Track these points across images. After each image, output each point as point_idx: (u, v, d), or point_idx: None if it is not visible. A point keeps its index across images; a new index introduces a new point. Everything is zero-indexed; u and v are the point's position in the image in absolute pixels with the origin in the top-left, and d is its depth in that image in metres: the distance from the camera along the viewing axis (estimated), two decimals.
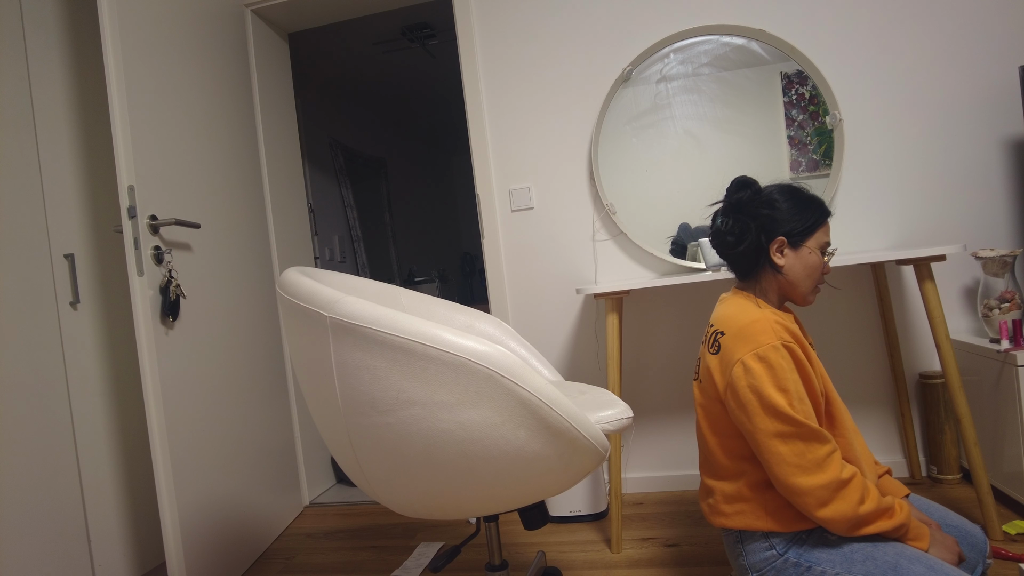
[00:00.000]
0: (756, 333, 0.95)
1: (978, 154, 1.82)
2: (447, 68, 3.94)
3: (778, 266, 1.02)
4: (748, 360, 0.94)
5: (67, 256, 1.70)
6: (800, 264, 1.01)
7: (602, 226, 2.06)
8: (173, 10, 1.75)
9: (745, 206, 1.04)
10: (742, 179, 1.08)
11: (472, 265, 6.15)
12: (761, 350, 0.93)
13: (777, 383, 0.92)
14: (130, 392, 1.85)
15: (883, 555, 0.88)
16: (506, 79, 2.12)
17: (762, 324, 0.95)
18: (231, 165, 1.99)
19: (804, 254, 1.01)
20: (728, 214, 1.06)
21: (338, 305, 0.94)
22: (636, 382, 2.08)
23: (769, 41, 1.90)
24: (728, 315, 1.01)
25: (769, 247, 1.02)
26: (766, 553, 0.97)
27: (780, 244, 1.01)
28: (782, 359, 0.92)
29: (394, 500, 1.05)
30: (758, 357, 0.93)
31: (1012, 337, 1.55)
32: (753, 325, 0.96)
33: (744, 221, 1.03)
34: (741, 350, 0.95)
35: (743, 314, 0.99)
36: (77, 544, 1.65)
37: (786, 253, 1.02)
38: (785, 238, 1.01)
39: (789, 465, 0.90)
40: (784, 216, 1.01)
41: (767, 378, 0.92)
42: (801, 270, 1.01)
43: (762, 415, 0.92)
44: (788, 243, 1.01)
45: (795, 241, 1.01)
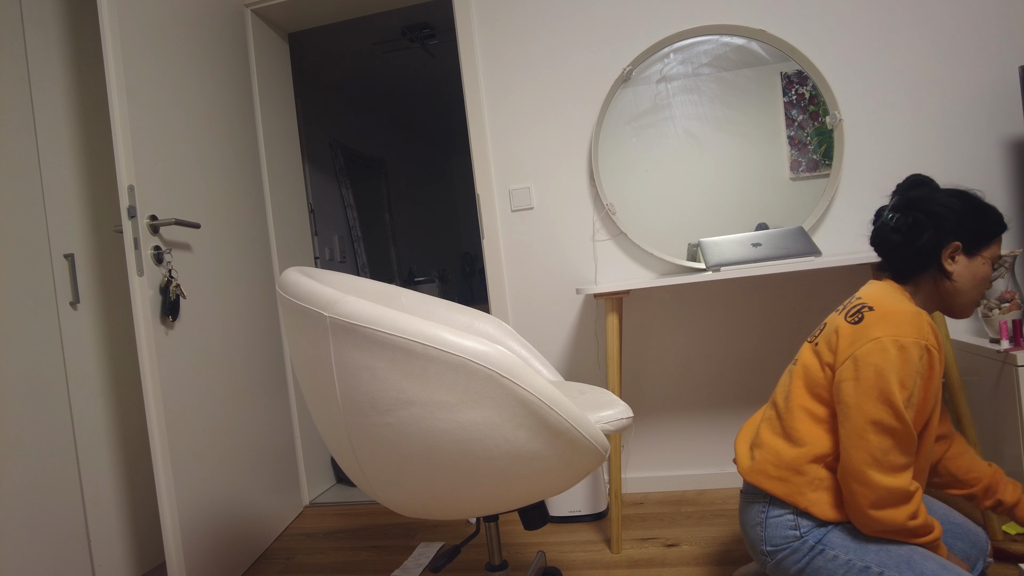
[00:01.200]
0: (907, 323, 0.91)
1: (978, 154, 1.82)
2: (447, 68, 3.94)
3: (948, 272, 0.97)
4: (887, 342, 0.90)
5: (67, 256, 1.70)
6: (970, 273, 0.96)
7: (602, 226, 2.06)
8: (173, 10, 1.75)
9: (921, 204, 0.98)
10: (918, 177, 1.03)
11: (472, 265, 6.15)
12: (905, 340, 0.89)
13: (903, 377, 0.88)
14: (130, 392, 1.85)
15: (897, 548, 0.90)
16: (506, 79, 2.12)
17: (917, 319, 0.91)
18: (231, 165, 1.99)
19: (977, 264, 0.96)
20: (900, 210, 1.00)
21: (338, 305, 0.94)
22: (636, 382, 2.08)
23: (769, 41, 1.90)
24: (883, 296, 0.97)
25: (941, 251, 0.96)
26: (789, 531, 0.97)
27: (955, 249, 0.96)
28: (920, 359, 0.89)
29: (394, 500, 1.05)
30: (899, 345, 0.89)
31: (1012, 337, 1.55)
32: (907, 315, 0.92)
33: (918, 219, 0.97)
34: (885, 330, 0.91)
35: (899, 302, 0.95)
36: (77, 544, 1.64)
37: (958, 259, 0.96)
38: (961, 243, 0.96)
39: (871, 455, 0.89)
40: (965, 221, 0.96)
41: (897, 367, 0.88)
42: (970, 279, 0.96)
43: (872, 398, 0.89)
44: (963, 249, 0.96)
45: (971, 249, 0.96)
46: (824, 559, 0.93)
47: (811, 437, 0.98)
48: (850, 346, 0.94)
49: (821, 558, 0.93)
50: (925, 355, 0.89)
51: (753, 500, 1.03)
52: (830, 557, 0.92)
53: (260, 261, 2.12)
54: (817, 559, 0.93)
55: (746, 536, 1.04)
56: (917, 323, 0.91)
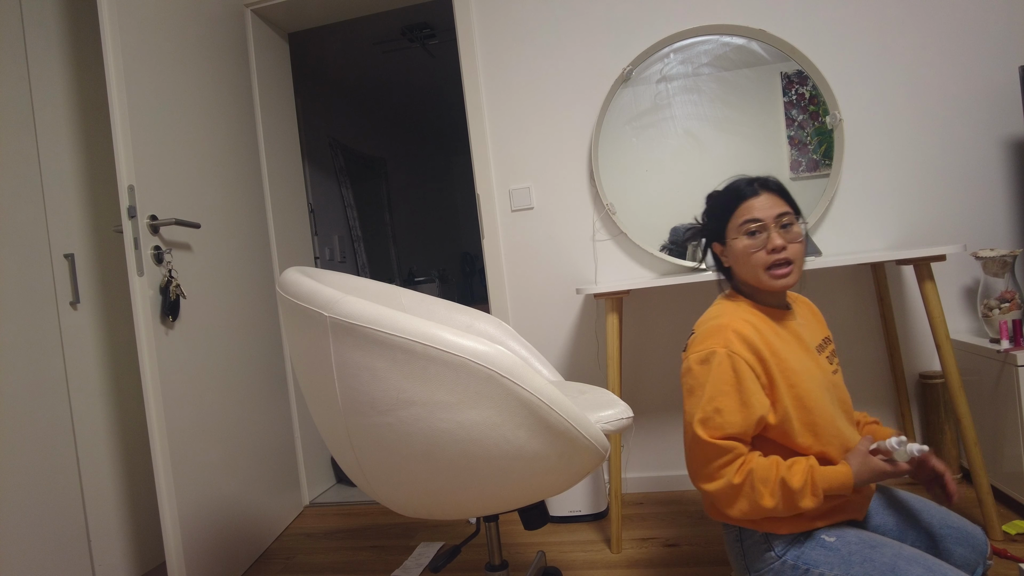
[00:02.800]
0: (710, 336, 0.98)
1: (978, 154, 1.82)
2: (447, 68, 3.94)
3: (727, 266, 1.07)
4: (692, 362, 0.98)
5: (67, 256, 1.70)
6: (734, 255, 1.04)
7: (602, 226, 2.06)
8: (173, 10, 1.75)
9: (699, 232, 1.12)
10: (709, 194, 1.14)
11: (472, 265, 6.14)
12: (705, 353, 0.96)
13: (708, 391, 0.94)
14: (130, 392, 1.85)
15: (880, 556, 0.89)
16: (506, 79, 2.12)
17: (722, 329, 0.97)
18: (231, 165, 1.99)
19: (733, 246, 1.03)
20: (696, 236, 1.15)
21: (338, 305, 0.94)
22: (636, 382, 2.08)
23: (769, 41, 1.90)
24: (705, 317, 1.06)
25: (720, 257, 1.08)
26: (765, 555, 0.97)
27: (719, 249, 1.07)
28: (720, 366, 0.94)
29: (394, 500, 1.05)
30: (701, 359, 0.97)
31: (1012, 337, 1.55)
32: (714, 329, 0.98)
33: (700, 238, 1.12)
34: (692, 350, 1.00)
35: (713, 317, 1.02)
36: (77, 544, 1.64)
37: (725, 253, 1.06)
38: (716, 241, 1.07)
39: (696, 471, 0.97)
40: (708, 223, 1.08)
41: (701, 382, 0.96)
42: (737, 260, 1.03)
43: (687, 418, 0.98)
44: (720, 244, 1.06)
45: (722, 239, 1.05)
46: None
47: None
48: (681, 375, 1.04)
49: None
50: (728, 360, 0.94)
51: (728, 534, 1.05)
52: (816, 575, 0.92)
53: (260, 261, 2.12)
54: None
55: (733, 566, 1.06)
56: (718, 332, 0.97)
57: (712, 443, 0.93)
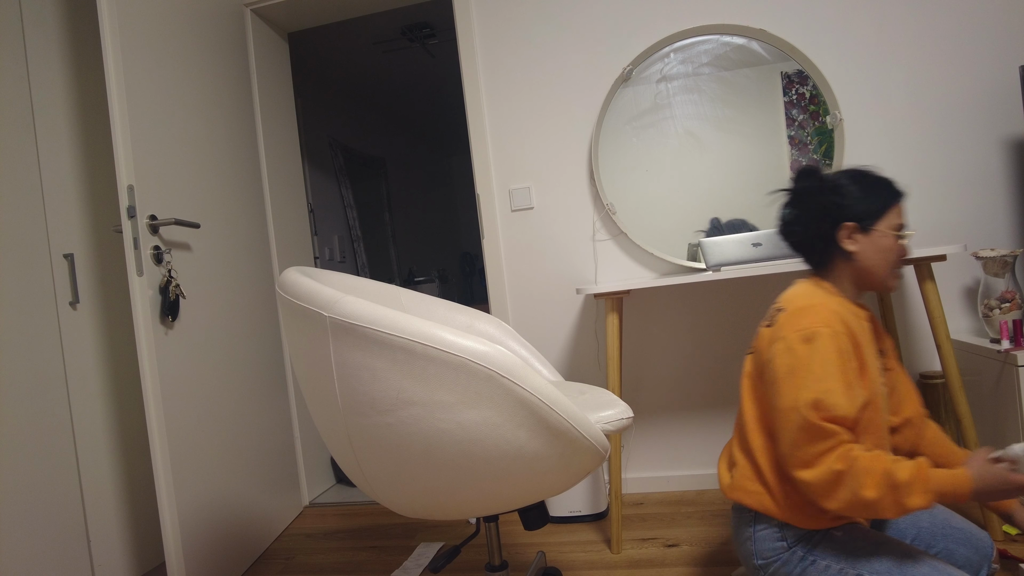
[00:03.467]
0: (811, 315, 0.93)
1: (978, 154, 1.82)
2: (447, 68, 3.94)
3: (849, 253, 0.99)
4: (792, 340, 0.92)
5: (67, 256, 1.70)
6: (873, 248, 0.98)
7: (602, 226, 2.06)
8: (173, 10, 1.75)
9: (810, 194, 1.02)
10: (806, 167, 1.05)
11: (472, 265, 6.14)
12: (808, 331, 0.91)
13: (814, 372, 0.89)
14: (130, 392, 1.85)
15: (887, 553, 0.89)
16: (506, 79, 2.12)
17: (819, 309, 0.93)
18: (231, 165, 1.99)
19: (876, 238, 0.97)
20: (793, 204, 1.04)
21: (338, 305, 0.94)
22: (636, 382, 2.08)
23: (769, 41, 1.90)
24: (795, 295, 1.00)
25: (837, 234, 0.99)
26: (776, 543, 0.96)
27: (850, 230, 0.98)
28: (831, 344, 0.90)
29: (394, 500, 1.05)
30: (804, 338, 0.91)
31: (1012, 337, 1.55)
32: (810, 308, 0.94)
33: (810, 210, 1.01)
34: (790, 328, 0.94)
35: (805, 296, 0.97)
36: (77, 544, 1.64)
37: (857, 238, 0.98)
38: (855, 223, 0.98)
39: (792, 456, 0.90)
40: (852, 201, 0.98)
41: (806, 363, 0.90)
42: (874, 254, 0.98)
43: (785, 398, 0.91)
44: (859, 228, 0.98)
45: (866, 225, 0.98)
46: (817, 569, 0.92)
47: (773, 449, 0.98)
48: (766, 351, 0.97)
49: (813, 568, 0.93)
50: (833, 339, 0.90)
51: (740, 516, 1.03)
52: (822, 567, 0.92)
53: (260, 261, 2.12)
54: (810, 569, 0.93)
55: (738, 552, 1.05)
56: (820, 312, 0.93)
57: (821, 425, 0.87)
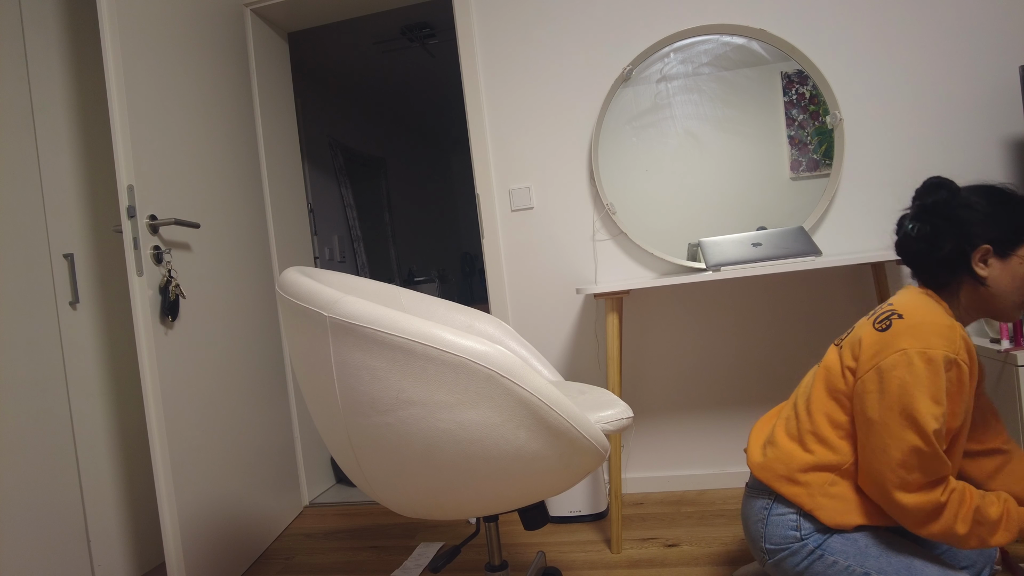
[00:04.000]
0: (937, 334, 0.86)
1: (978, 154, 1.82)
2: (447, 68, 3.94)
3: (981, 277, 0.91)
4: (914, 355, 0.85)
5: (67, 256, 1.70)
6: (1008, 275, 0.90)
7: (602, 226, 2.06)
8: (173, 10, 1.75)
9: (940, 209, 0.94)
10: (936, 180, 0.97)
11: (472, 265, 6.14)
12: (934, 352, 0.84)
13: (933, 392, 0.84)
14: (130, 392, 1.85)
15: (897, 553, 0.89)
16: (506, 79, 2.12)
17: (949, 331, 0.86)
18: (231, 165, 1.99)
19: (1014, 264, 0.90)
20: (920, 219, 0.96)
21: (338, 305, 0.94)
22: (636, 382, 2.08)
23: (769, 41, 1.90)
24: (915, 304, 0.91)
25: (972, 256, 0.91)
26: (790, 532, 0.96)
27: (985, 253, 0.91)
28: (950, 374, 0.85)
29: (394, 500, 1.05)
30: (927, 358, 0.84)
31: (1012, 337, 1.55)
32: (938, 326, 0.87)
33: (940, 226, 0.93)
34: (912, 341, 0.86)
35: (932, 312, 0.89)
36: (77, 544, 1.64)
37: (991, 263, 0.91)
38: (991, 246, 0.90)
39: (894, 474, 0.86)
40: (989, 221, 0.90)
41: (925, 384, 0.84)
42: (1009, 282, 0.90)
43: (897, 414, 0.85)
44: (994, 251, 0.90)
45: (1003, 250, 0.90)
46: (824, 564, 0.92)
47: (829, 444, 0.96)
48: (875, 356, 0.89)
49: (821, 563, 0.92)
50: (954, 369, 0.85)
51: (758, 495, 1.02)
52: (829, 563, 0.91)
53: (260, 261, 2.12)
54: (816, 564, 0.93)
55: (746, 530, 1.03)
56: (949, 335, 0.86)
57: (939, 455, 0.84)
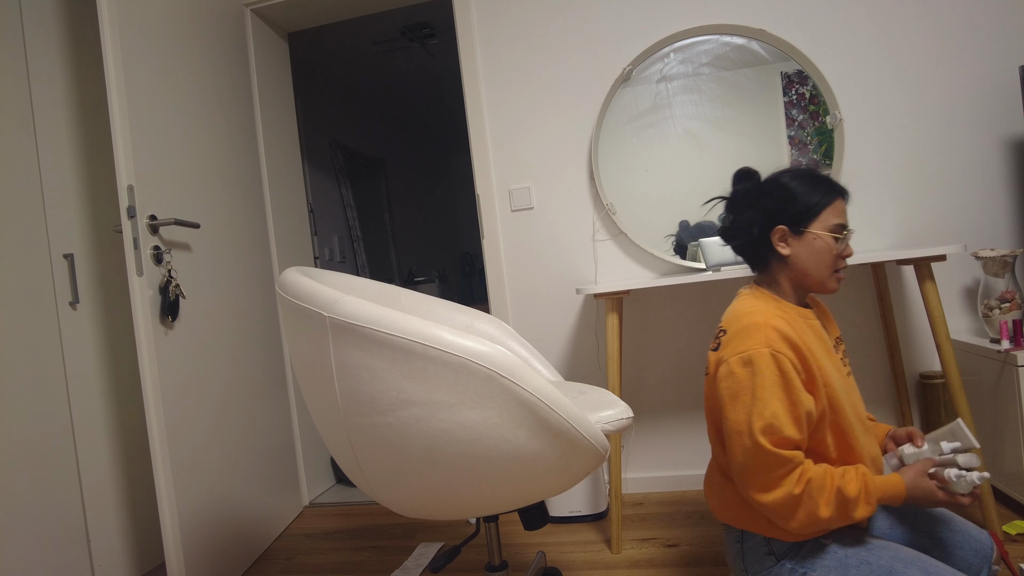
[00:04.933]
0: (748, 337, 0.92)
1: (978, 154, 1.82)
2: (447, 68, 3.94)
3: (783, 256, 0.98)
4: (734, 363, 0.92)
5: (66, 256, 1.70)
6: (806, 251, 0.97)
7: (602, 226, 2.06)
8: (173, 10, 1.75)
9: (744, 198, 1.02)
10: (743, 170, 1.05)
11: (472, 265, 6.14)
12: (751, 353, 0.90)
13: (758, 394, 0.89)
14: (130, 392, 1.85)
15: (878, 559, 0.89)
16: (506, 79, 2.12)
17: (759, 328, 0.92)
18: (231, 165, 1.99)
19: (809, 240, 0.96)
20: (730, 209, 1.04)
21: (338, 305, 0.94)
22: (636, 382, 2.08)
23: (769, 41, 1.90)
24: (734, 314, 0.98)
25: (771, 238, 0.98)
26: (765, 557, 0.97)
27: (782, 233, 0.98)
28: (766, 367, 0.89)
29: (394, 500, 1.05)
30: (743, 361, 0.91)
31: (1012, 337, 1.55)
32: (750, 328, 0.93)
33: (746, 214, 1.01)
34: (730, 350, 0.93)
35: (746, 314, 0.96)
36: (77, 544, 1.64)
37: (790, 242, 0.97)
38: (786, 226, 0.97)
39: (748, 478, 0.91)
40: (783, 203, 0.97)
41: (747, 386, 0.90)
42: (808, 257, 0.97)
43: (731, 423, 0.91)
44: (790, 231, 0.97)
45: (797, 228, 0.97)
46: None
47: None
48: (714, 375, 0.96)
49: None
50: (772, 362, 0.89)
51: (730, 534, 1.04)
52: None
53: (260, 261, 2.12)
54: None
55: (729, 562, 1.06)
56: (761, 333, 0.91)
57: (776, 453, 0.87)
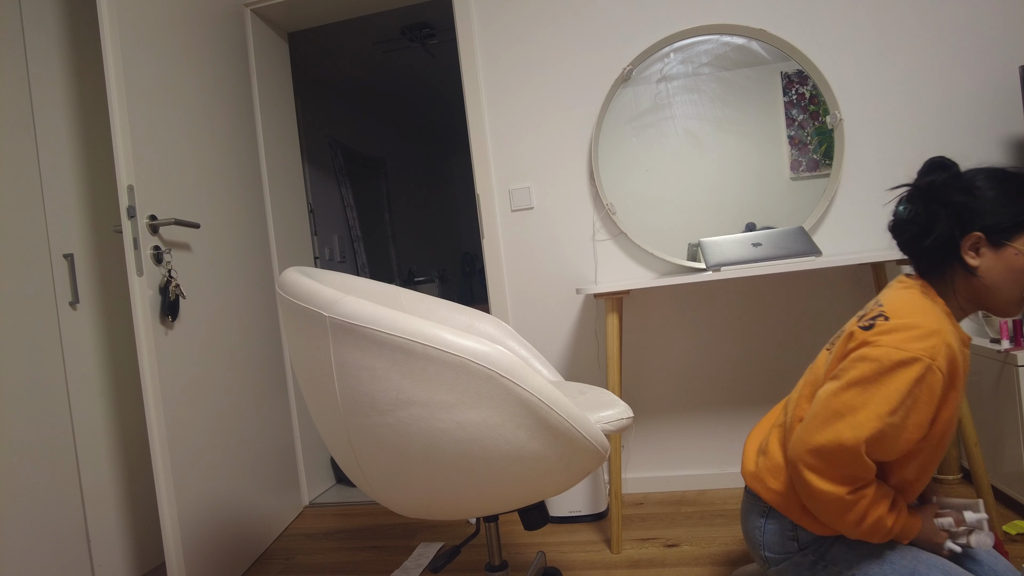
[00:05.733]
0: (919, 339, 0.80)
1: (978, 154, 1.82)
2: (447, 68, 3.94)
3: (971, 267, 0.85)
4: (886, 354, 0.81)
5: (67, 256, 1.70)
6: (1002, 266, 0.83)
7: (602, 226, 2.06)
8: (173, 10, 1.75)
9: (937, 191, 0.87)
10: (938, 160, 0.90)
11: (472, 265, 6.14)
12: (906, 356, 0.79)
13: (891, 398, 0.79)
14: (130, 392, 1.84)
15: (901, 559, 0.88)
16: (506, 79, 2.12)
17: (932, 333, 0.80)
18: (231, 165, 1.99)
19: (1009, 255, 0.83)
20: (914, 200, 0.90)
21: (338, 305, 0.94)
22: (636, 382, 2.08)
23: (769, 41, 1.90)
24: (903, 303, 0.85)
25: (961, 243, 0.85)
26: (788, 542, 0.95)
27: (976, 241, 0.84)
28: (919, 379, 0.79)
29: (394, 500, 1.05)
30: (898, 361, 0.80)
31: (1012, 337, 1.55)
32: (923, 331, 0.81)
33: (933, 209, 0.86)
34: (890, 340, 0.81)
35: (919, 313, 0.83)
36: (77, 544, 1.64)
37: (983, 252, 0.84)
38: (984, 234, 0.83)
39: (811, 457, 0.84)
40: (987, 206, 0.83)
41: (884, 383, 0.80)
42: (1002, 274, 0.83)
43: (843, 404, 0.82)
44: (987, 240, 0.83)
45: (997, 238, 0.83)
46: (826, 574, 0.92)
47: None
48: (853, 349, 0.86)
49: (824, 573, 0.92)
50: (928, 376, 0.79)
51: (753, 504, 1.01)
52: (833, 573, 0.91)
53: (260, 261, 2.12)
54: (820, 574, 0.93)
55: (746, 536, 1.03)
56: (932, 340, 0.80)
57: (865, 462, 0.81)
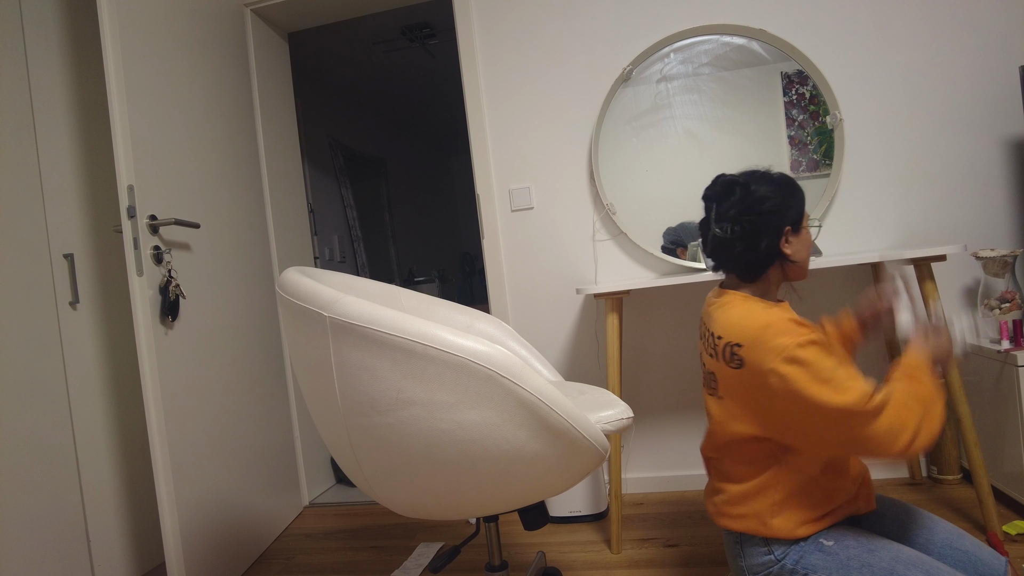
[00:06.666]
0: (777, 336, 0.88)
1: (978, 154, 1.82)
2: (447, 68, 3.94)
3: (788, 256, 0.99)
4: (781, 369, 0.87)
5: (67, 256, 1.70)
6: (802, 244, 1.01)
7: (602, 226, 2.06)
8: (173, 10, 1.75)
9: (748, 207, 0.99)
10: (726, 179, 1.03)
11: (472, 265, 6.14)
12: (791, 352, 0.86)
13: (821, 378, 0.85)
14: (130, 392, 1.85)
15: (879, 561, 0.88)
16: (506, 79, 2.12)
17: (778, 326, 0.89)
18: (231, 165, 1.99)
19: (804, 234, 1.01)
20: (727, 220, 1.00)
21: (338, 305, 0.94)
22: (636, 382, 2.08)
23: (769, 41, 1.90)
24: (736, 322, 0.95)
25: (781, 243, 0.99)
26: (764, 558, 0.97)
27: (787, 234, 0.99)
28: (815, 352, 0.87)
29: (394, 500, 1.05)
30: (791, 360, 0.86)
31: (1012, 337, 1.55)
32: (768, 330, 0.89)
33: (750, 222, 0.98)
34: (769, 361, 0.88)
35: (752, 318, 0.93)
36: (77, 544, 1.64)
37: (791, 240, 1.00)
38: (790, 227, 0.99)
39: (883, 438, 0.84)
40: (782, 206, 0.99)
41: (807, 378, 0.86)
42: (804, 250, 1.01)
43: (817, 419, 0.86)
44: (793, 231, 1.00)
45: (796, 226, 1.00)
46: None
47: (746, 474, 0.99)
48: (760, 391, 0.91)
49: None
50: (812, 347, 0.87)
51: (729, 538, 1.04)
52: None
53: (260, 261, 2.12)
54: None
55: (730, 564, 1.06)
56: (784, 327, 0.89)
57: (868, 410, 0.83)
